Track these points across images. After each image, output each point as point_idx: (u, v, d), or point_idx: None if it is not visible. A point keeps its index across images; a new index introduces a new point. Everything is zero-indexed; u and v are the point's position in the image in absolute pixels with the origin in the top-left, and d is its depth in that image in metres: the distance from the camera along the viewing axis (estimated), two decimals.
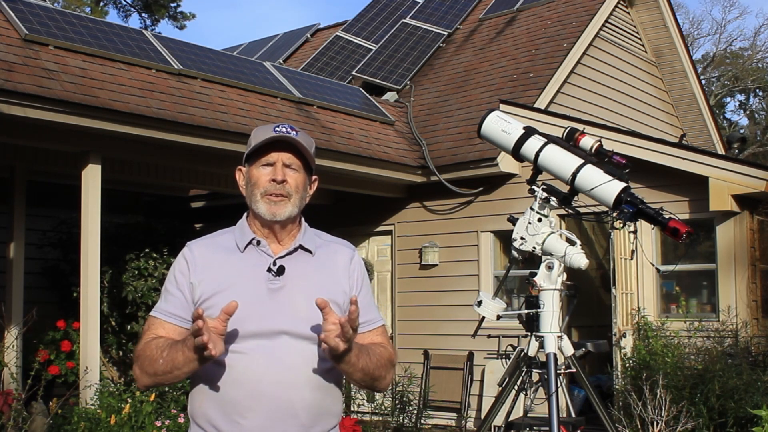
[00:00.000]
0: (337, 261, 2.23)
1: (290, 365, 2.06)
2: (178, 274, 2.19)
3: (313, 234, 2.27)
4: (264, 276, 2.13)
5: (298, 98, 9.21)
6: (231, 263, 2.16)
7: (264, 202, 2.15)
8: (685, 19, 31.15)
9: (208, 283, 2.13)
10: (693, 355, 7.24)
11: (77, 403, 6.46)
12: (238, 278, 2.13)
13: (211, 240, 2.24)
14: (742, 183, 7.46)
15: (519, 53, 10.96)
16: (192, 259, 2.18)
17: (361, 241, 10.50)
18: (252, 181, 2.18)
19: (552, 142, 3.83)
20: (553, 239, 3.74)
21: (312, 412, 2.09)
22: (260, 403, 2.05)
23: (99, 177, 6.88)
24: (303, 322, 2.09)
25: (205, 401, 2.11)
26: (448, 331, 9.37)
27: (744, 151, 21.85)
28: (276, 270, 2.13)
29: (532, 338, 3.80)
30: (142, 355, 2.11)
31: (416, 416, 8.53)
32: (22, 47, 6.85)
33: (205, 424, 2.11)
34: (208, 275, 2.14)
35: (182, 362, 2.02)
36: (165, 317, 2.17)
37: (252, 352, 2.06)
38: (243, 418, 2.05)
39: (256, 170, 2.18)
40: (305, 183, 2.22)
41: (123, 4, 26.59)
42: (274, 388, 2.05)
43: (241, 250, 2.17)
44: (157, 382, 2.12)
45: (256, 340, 2.07)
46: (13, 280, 7.69)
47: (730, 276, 7.70)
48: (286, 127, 2.19)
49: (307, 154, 2.20)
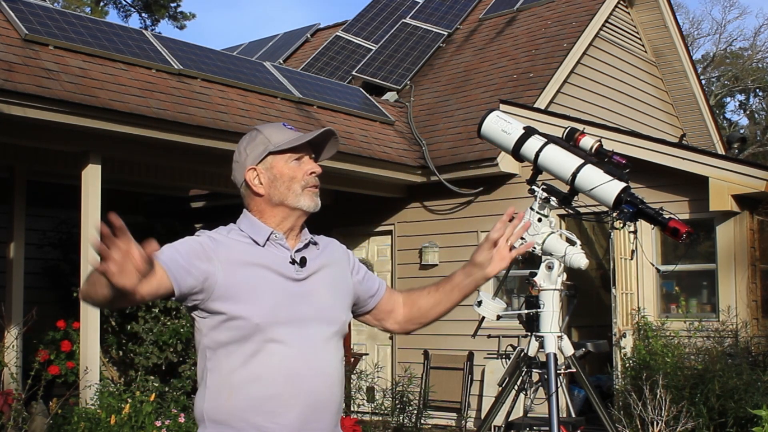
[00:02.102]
0: (336, 251, 2.31)
1: (322, 358, 2.08)
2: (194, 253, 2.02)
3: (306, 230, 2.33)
4: (288, 267, 2.13)
5: (298, 98, 9.21)
6: (253, 255, 2.11)
7: (306, 195, 2.18)
8: (685, 19, 31.17)
9: (232, 271, 2.04)
10: (693, 355, 7.24)
11: (77, 403, 6.46)
12: (264, 270, 2.10)
13: (219, 235, 2.15)
14: (742, 183, 7.46)
15: (519, 53, 10.96)
16: (213, 244, 2.07)
17: (361, 241, 10.50)
18: (288, 176, 2.17)
19: (552, 142, 3.82)
20: (553, 239, 3.74)
21: (338, 403, 2.12)
22: (299, 396, 2.02)
23: (99, 177, 6.88)
24: (328, 310, 2.15)
25: (234, 395, 2.01)
26: (448, 331, 9.36)
27: (744, 151, 21.85)
28: (299, 261, 2.16)
29: (532, 338, 3.79)
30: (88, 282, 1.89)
31: (416, 416, 8.53)
32: (22, 47, 6.85)
33: (235, 420, 2.00)
34: (231, 263, 2.06)
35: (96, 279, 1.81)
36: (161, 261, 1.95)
37: (284, 341, 2.04)
38: (283, 410, 2.00)
39: (286, 165, 2.18)
40: None
41: (123, 4, 26.61)
42: (311, 380, 2.04)
43: (262, 244, 2.14)
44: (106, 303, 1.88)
45: (287, 328, 2.05)
46: (13, 280, 7.69)
47: (730, 276, 7.70)
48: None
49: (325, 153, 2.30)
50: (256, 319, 2.02)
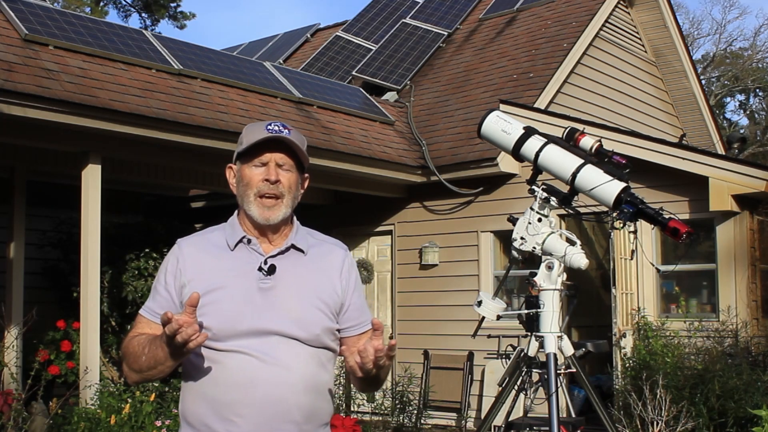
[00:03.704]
0: (330, 261, 2.22)
1: (284, 365, 2.05)
2: (168, 274, 2.17)
3: (306, 233, 2.24)
4: (255, 275, 2.11)
5: (298, 98, 9.21)
6: (221, 262, 2.14)
7: (257, 205, 2.13)
8: (685, 19, 31.17)
9: (198, 282, 2.10)
10: (693, 355, 7.24)
11: (77, 403, 6.46)
12: (229, 277, 2.11)
13: (202, 237, 2.22)
14: (742, 183, 7.46)
15: (519, 53, 10.96)
16: (182, 258, 2.16)
17: (361, 241, 10.50)
18: (244, 181, 2.16)
19: (552, 142, 3.83)
20: (553, 239, 3.74)
21: (305, 412, 2.08)
22: (254, 403, 2.03)
23: (99, 177, 6.88)
24: (294, 322, 2.08)
25: (197, 400, 2.09)
26: (448, 331, 9.37)
27: (744, 151, 21.85)
28: (267, 269, 2.11)
29: (532, 338, 3.79)
30: (127, 352, 2.12)
31: (416, 416, 8.53)
32: (22, 47, 6.85)
33: (198, 424, 2.08)
34: (198, 275, 2.12)
35: (163, 357, 2.00)
36: (151, 316, 2.16)
37: (244, 351, 2.04)
38: (238, 416, 2.03)
39: (248, 169, 2.16)
40: (297, 182, 2.20)
41: (123, 4, 26.60)
42: (268, 388, 2.04)
43: (231, 248, 2.15)
44: (145, 378, 2.12)
45: (248, 340, 2.05)
46: (13, 280, 7.69)
47: (730, 276, 7.70)
48: (278, 125, 2.16)
49: (300, 152, 2.17)
50: (216, 330, 2.04)
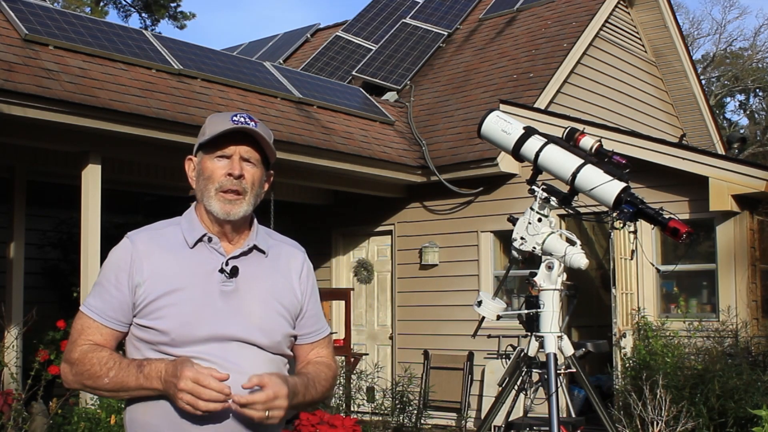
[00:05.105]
0: (290, 264, 2.12)
1: (243, 372, 1.89)
2: (119, 271, 1.98)
3: (264, 233, 2.13)
4: (216, 277, 1.98)
5: (298, 98, 9.21)
6: (180, 261, 1.99)
7: (218, 199, 1.99)
8: (685, 19, 31.18)
9: (155, 283, 1.95)
10: (693, 355, 7.24)
11: (77, 403, 6.45)
12: (189, 279, 1.97)
13: (156, 232, 2.06)
14: (742, 183, 7.46)
15: (519, 53, 10.96)
16: (136, 256, 1.98)
17: (361, 241, 10.50)
18: (205, 174, 2.02)
19: (552, 142, 3.82)
20: (553, 239, 3.74)
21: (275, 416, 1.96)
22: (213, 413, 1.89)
23: (99, 177, 6.88)
24: (257, 328, 1.98)
25: (149, 410, 1.94)
26: (448, 331, 9.37)
27: (744, 151, 21.84)
28: (229, 271, 1.99)
29: (532, 338, 3.79)
30: (82, 368, 1.94)
31: (416, 416, 8.53)
32: (22, 47, 6.85)
33: None
34: (154, 275, 1.96)
35: (134, 387, 1.89)
36: (102, 320, 1.98)
37: (203, 357, 1.91)
38: (192, 426, 1.89)
39: (210, 162, 2.01)
40: (261, 179, 2.07)
41: (123, 4, 26.60)
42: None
43: (191, 246, 2.01)
44: (96, 394, 2.00)
45: (207, 345, 1.93)
46: (13, 280, 7.69)
47: (730, 276, 7.70)
48: (244, 116, 2.02)
49: (267, 146, 2.04)
50: (174, 335, 1.93)
